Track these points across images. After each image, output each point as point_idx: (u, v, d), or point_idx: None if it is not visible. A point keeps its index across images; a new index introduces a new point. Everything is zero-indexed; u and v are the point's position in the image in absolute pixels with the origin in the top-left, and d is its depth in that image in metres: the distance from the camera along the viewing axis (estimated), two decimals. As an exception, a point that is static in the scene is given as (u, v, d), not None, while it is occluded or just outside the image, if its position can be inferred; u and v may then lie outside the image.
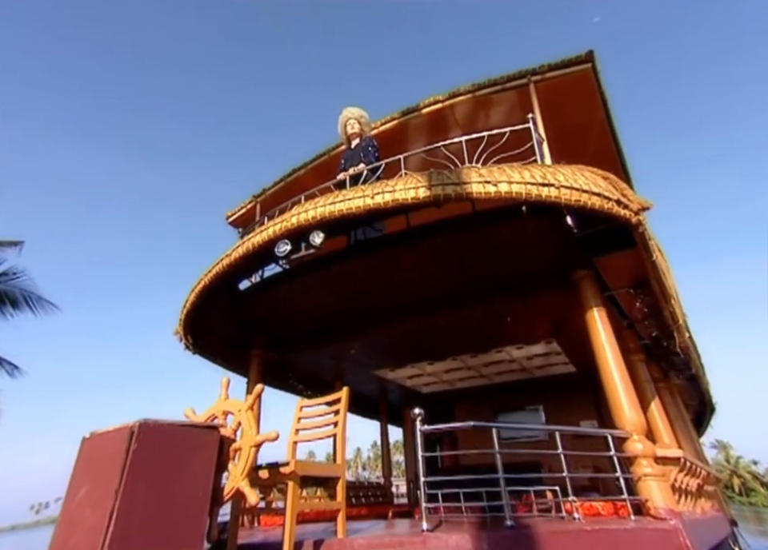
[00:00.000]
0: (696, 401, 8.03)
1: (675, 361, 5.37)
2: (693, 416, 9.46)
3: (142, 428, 1.54)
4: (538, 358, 6.24)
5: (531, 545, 1.72)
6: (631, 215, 2.55)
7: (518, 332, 4.93)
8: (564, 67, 4.12)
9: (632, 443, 2.53)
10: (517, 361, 6.48)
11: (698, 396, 7.64)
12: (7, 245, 10.33)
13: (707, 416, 8.85)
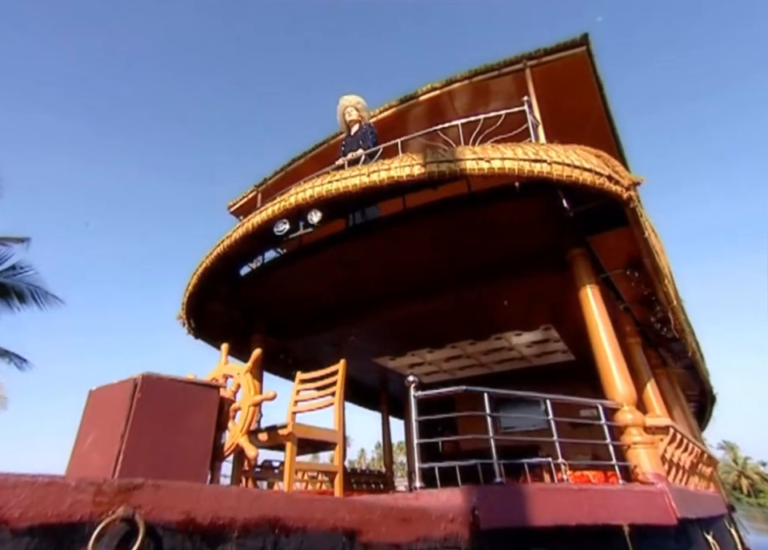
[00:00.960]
0: (696, 391, 8.05)
1: (673, 348, 5.40)
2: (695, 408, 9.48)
3: (145, 380, 1.60)
4: (537, 346, 6.28)
5: (519, 498, 1.77)
6: (622, 190, 2.59)
7: (516, 317, 4.97)
8: (559, 51, 4.16)
9: (622, 413, 2.58)
10: (516, 349, 6.52)
11: (697, 385, 7.66)
12: (14, 240, 10.45)
13: (708, 406, 8.86)
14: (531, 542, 1.77)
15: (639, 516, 2.08)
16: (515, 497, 1.79)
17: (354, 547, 1.35)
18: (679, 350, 5.22)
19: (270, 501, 1.26)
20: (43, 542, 0.92)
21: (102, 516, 0.99)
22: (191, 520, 1.11)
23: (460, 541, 1.60)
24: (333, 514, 1.34)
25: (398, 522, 1.48)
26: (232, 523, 1.16)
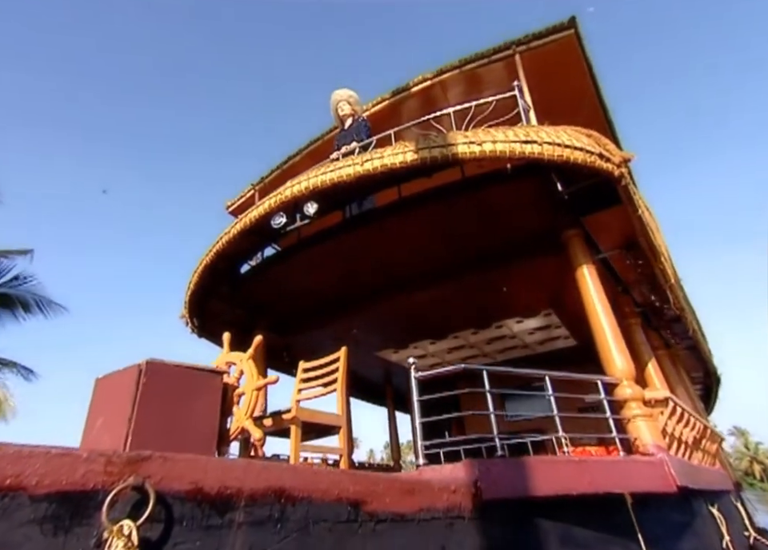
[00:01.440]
0: (701, 372, 8.06)
1: (674, 329, 5.42)
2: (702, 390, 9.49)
3: (149, 365, 1.64)
4: (539, 332, 6.30)
5: (520, 470, 1.81)
6: (614, 168, 2.61)
7: (516, 303, 5.00)
8: (548, 35, 4.16)
9: (621, 388, 2.61)
10: (518, 337, 6.54)
11: (701, 366, 7.67)
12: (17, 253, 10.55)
13: (714, 387, 8.88)
14: (534, 511, 1.81)
15: (640, 484, 2.12)
16: (517, 469, 1.82)
17: (359, 516, 1.39)
18: (681, 331, 5.24)
19: (275, 472, 1.30)
20: (60, 508, 0.96)
21: (113, 485, 1.03)
22: (199, 490, 1.15)
23: (463, 511, 1.64)
24: (337, 485, 1.38)
25: (402, 493, 1.52)
26: (239, 493, 1.20)
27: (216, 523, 1.15)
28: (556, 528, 1.87)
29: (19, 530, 0.91)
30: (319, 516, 1.31)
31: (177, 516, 1.10)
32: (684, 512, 2.68)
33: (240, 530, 1.17)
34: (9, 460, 0.94)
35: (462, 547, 1.58)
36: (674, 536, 2.47)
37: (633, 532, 2.16)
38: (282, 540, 1.23)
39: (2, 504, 0.91)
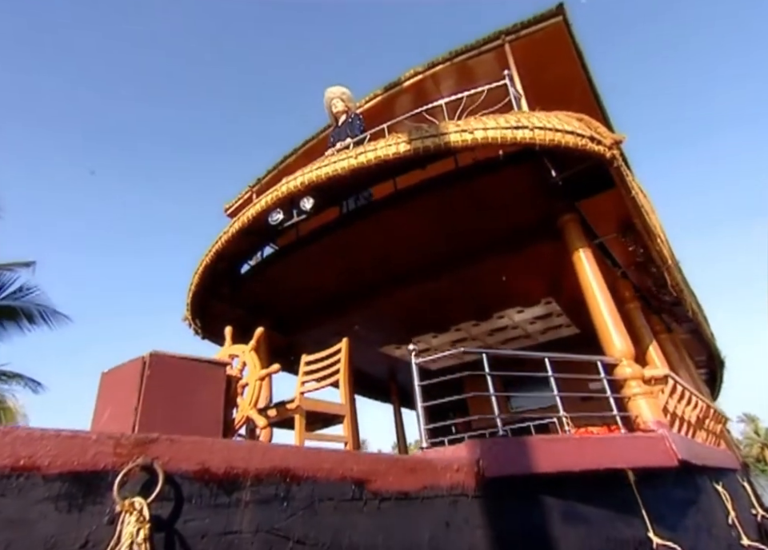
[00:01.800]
0: (704, 356, 8.07)
1: (675, 312, 5.43)
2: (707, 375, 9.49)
3: (153, 357, 1.68)
4: (540, 321, 6.32)
5: (522, 448, 1.84)
6: (605, 150, 2.63)
7: (516, 292, 5.02)
8: (536, 23, 4.17)
9: (621, 368, 2.64)
10: (520, 327, 6.56)
11: (705, 350, 7.68)
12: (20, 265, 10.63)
13: (718, 371, 8.88)
14: (537, 488, 1.84)
15: (641, 459, 2.14)
16: (518, 448, 1.85)
17: (364, 494, 1.42)
18: (681, 314, 5.25)
19: (279, 453, 1.33)
20: (73, 487, 1.00)
21: (123, 465, 1.06)
22: (206, 470, 1.18)
23: (466, 489, 1.67)
24: (341, 465, 1.41)
25: (405, 472, 1.55)
26: (245, 473, 1.23)
27: (224, 501, 1.18)
28: (559, 505, 1.90)
29: (35, 507, 0.95)
30: (324, 495, 1.34)
31: (186, 495, 1.13)
32: (688, 488, 2.71)
33: (247, 508, 1.21)
34: (21, 441, 0.98)
35: (467, 523, 1.61)
36: (679, 513, 2.50)
37: (637, 508, 2.19)
38: (288, 518, 1.26)
39: (17, 484, 0.95)
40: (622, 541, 2.04)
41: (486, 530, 1.63)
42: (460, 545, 1.55)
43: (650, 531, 2.10)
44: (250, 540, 1.18)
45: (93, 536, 0.99)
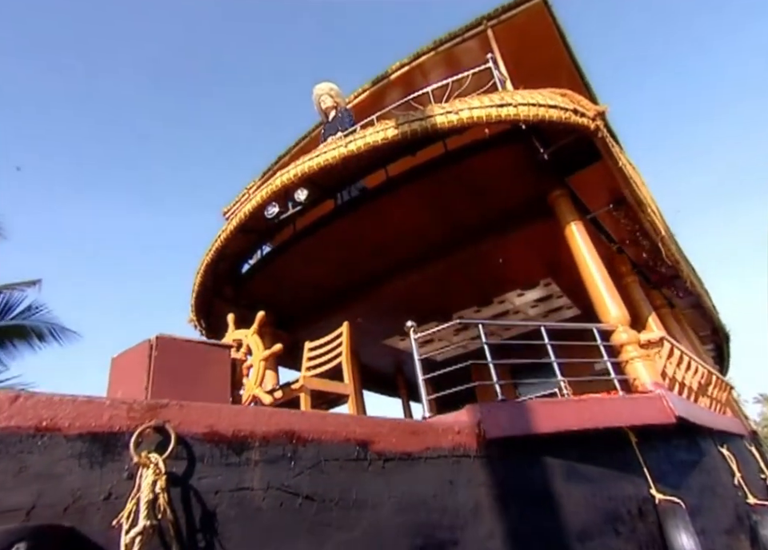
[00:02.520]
0: (708, 330, 8.08)
1: (675, 285, 5.46)
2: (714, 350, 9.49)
3: (159, 340, 1.75)
4: (542, 304, 6.36)
5: (521, 410, 1.90)
6: (589, 122, 2.68)
7: (514, 275, 5.06)
8: (516, 6, 4.22)
9: (617, 333, 2.69)
10: (521, 311, 6.60)
11: (708, 324, 7.70)
12: (26, 285, 10.77)
13: (724, 344, 8.89)
14: (538, 448, 1.90)
15: (639, 418, 2.20)
16: (518, 410, 1.91)
17: (368, 454, 1.48)
18: (681, 287, 5.29)
19: (284, 417, 1.40)
20: (93, 446, 1.07)
21: (137, 427, 1.13)
22: (215, 432, 1.25)
23: (469, 450, 1.73)
24: (344, 427, 1.48)
25: (407, 434, 1.62)
26: (252, 435, 1.30)
27: (234, 461, 1.25)
28: (562, 465, 1.95)
29: (60, 463, 1.02)
30: (330, 455, 1.41)
31: (197, 455, 1.20)
32: (691, 451, 2.76)
33: (257, 467, 1.27)
34: (43, 405, 1.05)
35: (470, 482, 1.67)
36: (681, 473, 2.55)
37: (639, 468, 2.25)
38: (296, 476, 1.33)
39: (42, 442, 1.02)
40: (625, 498, 2.10)
41: (490, 488, 1.69)
42: (464, 501, 1.61)
43: (651, 488, 2.16)
44: (262, 495, 1.25)
45: (114, 490, 1.06)
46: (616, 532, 1.96)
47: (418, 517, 1.48)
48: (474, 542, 1.55)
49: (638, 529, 2.05)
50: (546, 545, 1.72)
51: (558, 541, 1.74)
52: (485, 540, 1.57)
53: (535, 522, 1.73)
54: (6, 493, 0.95)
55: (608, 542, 1.90)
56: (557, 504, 1.81)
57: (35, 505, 0.97)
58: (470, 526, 1.57)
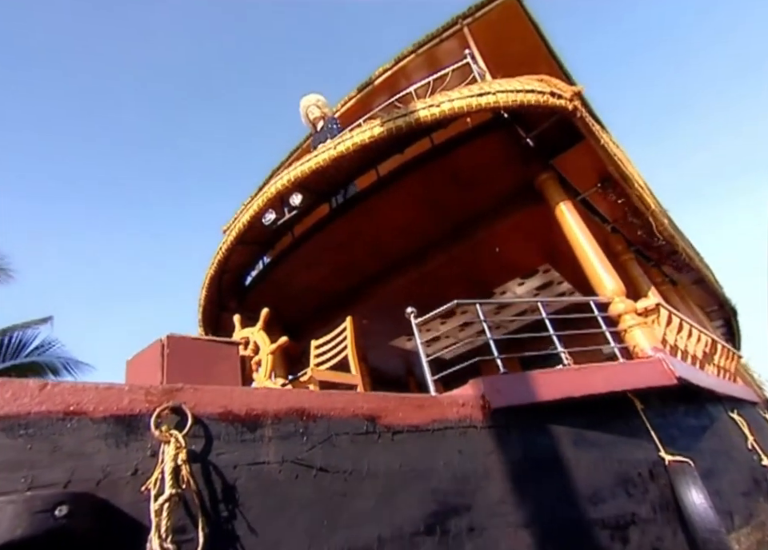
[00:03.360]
0: (715, 306, 8.08)
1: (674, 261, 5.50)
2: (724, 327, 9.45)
3: (169, 339, 1.83)
4: (544, 292, 6.40)
5: (523, 381, 1.95)
6: (566, 103, 2.77)
7: (512, 263, 5.13)
8: (489, 2, 4.35)
9: (614, 304, 2.75)
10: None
11: (714, 300, 7.70)
12: (38, 322, 10.97)
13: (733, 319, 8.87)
14: (544, 416, 1.95)
15: (640, 381, 2.24)
16: (521, 380, 1.97)
17: (377, 428, 1.55)
18: (680, 262, 5.32)
19: (293, 396, 1.47)
20: (117, 427, 1.15)
21: (155, 409, 1.21)
22: (229, 412, 1.33)
23: (474, 421, 1.79)
24: (352, 403, 1.55)
25: (413, 408, 1.68)
26: (264, 413, 1.38)
27: (249, 438, 1.32)
28: (569, 432, 2.00)
29: (89, 443, 1.10)
30: (340, 430, 1.48)
31: (214, 433, 1.28)
32: (700, 416, 2.79)
33: (271, 442, 1.35)
34: (69, 391, 1.14)
35: (478, 451, 1.73)
36: (692, 437, 2.58)
37: (647, 433, 2.29)
38: (309, 450, 1.40)
39: (71, 425, 1.10)
40: (635, 462, 2.14)
41: (498, 456, 1.74)
42: (474, 469, 1.66)
43: (661, 451, 2.19)
44: (278, 468, 1.32)
45: (140, 466, 1.14)
46: (628, 494, 1.99)
47: (429, 485, 1.54)
48: (486, 507, 1.60)
49: (650, 491, 2.09)
50: (558, 508, 1.76)
51: (569, 504, 1.79)
52: (496, 504, 1.63)
53: (546, 487, 1.78)
54: (43, 470, 1.03)
55: (620, 504, 1.94)
56: (566, 469, 1.86)
57: (70, 480, 1.04)
58: (481, 492, 1.63)
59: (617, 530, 1.85)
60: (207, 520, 1.15)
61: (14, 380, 1.13)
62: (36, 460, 1.04)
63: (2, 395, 1.08)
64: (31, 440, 1.06)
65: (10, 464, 1.02)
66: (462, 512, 1.55)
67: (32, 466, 1.04)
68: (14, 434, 1.05)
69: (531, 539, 1.61)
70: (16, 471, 1.02)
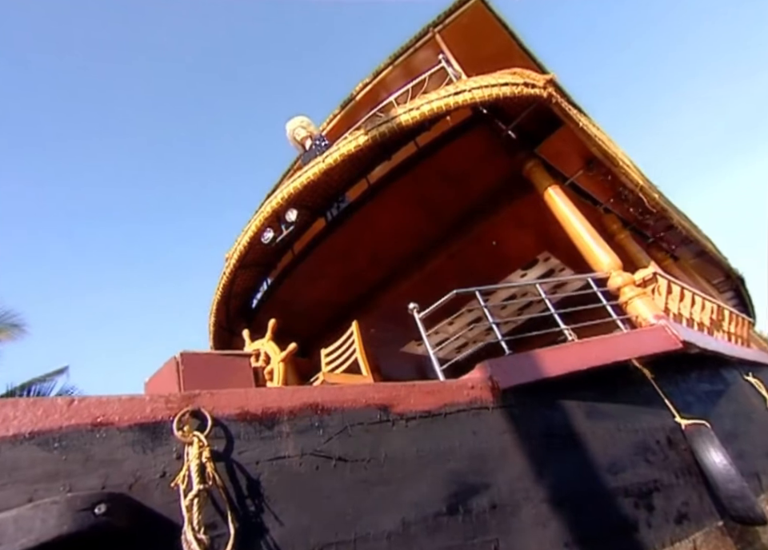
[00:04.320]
0: (722, 277, 8.03)
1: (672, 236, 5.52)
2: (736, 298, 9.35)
3: (183, 356, 1.91)
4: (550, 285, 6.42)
5: (529, 360, 1.99)
6: (541, 91, 2.87)
7: (511, 254, 5.18)
8: (456, 9, 4.52)
9: (613, 278, 2.79)
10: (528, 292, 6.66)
11: (719, 270, 7.67)
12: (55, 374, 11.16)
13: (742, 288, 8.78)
14: (553, 391, 1.98)
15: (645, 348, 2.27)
16: (526, 360, 2.01)
17: (390, 416, 1.60)
18: (677, 235, 5.34)
19: (306, 392, 1.53)
20: (142, 435, 1.22)
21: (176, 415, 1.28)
22: (246, 412, 1.39)
23: (486, 402, 1.83)
24: (363, 395, 1.61)
25: (424, 394, 1.73)
26: (280, 410, 1.44)
27: (268, 434, 1.38)
28: (580, 406, 2.03)
29: (118, 451, 1.17)
30: (354, 420, 1.53)
31: (234, 433, 1.34)
32: (714, 381, 2.79)
33: (289, 437, 1.40)
34: (95, 405, 1.21)
35: (492, 430, 1.77)
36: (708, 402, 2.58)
37: (660, 401, 2.30)
38: (327, 441, 1.45)
39: (99, 435, 1.17)
40: (652, 430, 2.15)
41: (512, 433, 1.78)
42: (490, 448, 1.70)
43: (676, 417, 2.21)
44: (298, 461, 1.37)
45: (168, 468, 1.20)
46: (647, 461, 2.01)
47: (447, 467, 1.58)
48: (505, 484, 1.64)
49: (669, 457, 2.09)
50: (578, 480, 1.78)
51: (589, 475, 1.81)
52: (516, 480, 1.66)
53: (563, 460, 1.80)
54: (79, 479, 1.10)
55: (641, 472, 1.96)
56: (582, 441, 1.88)
57: (104, 486, 1.11)
58: (499, 470, 1.66)
59: (640, 497, 1.86)
60: (236, 514, 1.21)
61: (44, 399, 1.20)
62: (71, 470, 1.11)
63: (35, 412, 1.16)
64: (65, 451, 1.13)
65: (48, 475, 1.09)
66: (482, 490, 1.58)
67: (68, 475, 1.10)
68: (49, 447, 1.12)
69: (553, 512, 1.63)
70: (55, 481, 1.09)
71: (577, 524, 1.64)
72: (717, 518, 2.05)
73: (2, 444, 1.09)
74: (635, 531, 1.76)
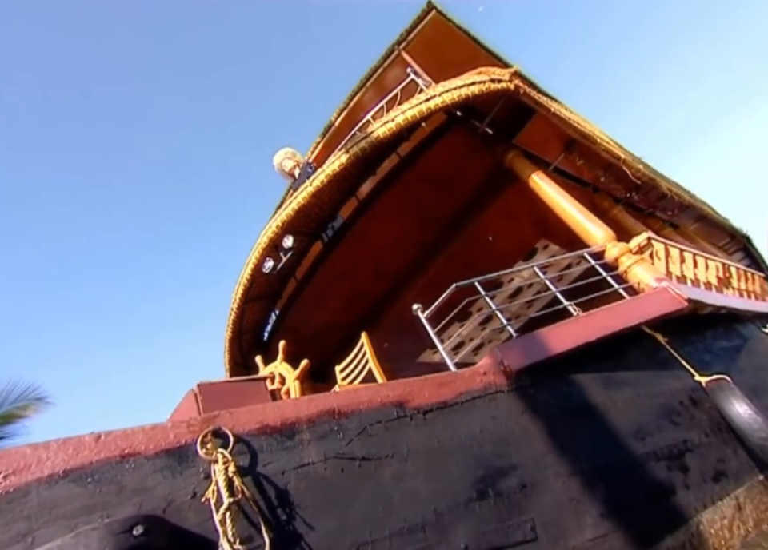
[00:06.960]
0: (727, 238, 7.97)
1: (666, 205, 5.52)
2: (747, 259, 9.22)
3: (200, 386, 1.97)
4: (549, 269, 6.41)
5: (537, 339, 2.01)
6: (508, 84, 2.98)
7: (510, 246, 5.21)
8: (417, 25, 4.73)
9: (609, 250, 2.81)
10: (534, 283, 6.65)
11: (722, 232, 7.62)
12: None
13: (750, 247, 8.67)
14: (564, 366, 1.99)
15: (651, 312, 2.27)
16: (533, 339, 2.03)
17: (406, 411, 1.63)
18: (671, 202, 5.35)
19: (321, 399, 1.58)
20: (169, 460, 1.27)
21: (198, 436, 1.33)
22: (266, 426, 1.44)
23: (500, 386, 1.85)
24: (377, 395, 1.64)
25: (437, 386, 1.76)
26: (298, 420, 1.48)
27: (290, 444, 1.42)
28: (596, 377, 2.04)
29: (149, 478, 1.21)
30: (372, 420, 1.56)
31: (257, 447, 1.38)
32: (731, 337, 2.77)
33: (311, 444, 1.44)
34: (120, 437, 1.27)
35: (511, 412, 1.78)
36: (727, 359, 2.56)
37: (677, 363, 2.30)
38: (348, 444, 1.48)
39: (128, 465, 1.22)
40: (673, 392, 2.14)
41: (531, 413, 1.79)
42: (511, 429, 1.71)
43: (695, 375, 2.19)
44: (323, 466, 1.41)
45: (197, 489, 1.24)
46: (674, 423, 1.99)
47: (471, 452, 1.60)
48: (532, 463, 1.64)
49: (696, 416, 2.07)
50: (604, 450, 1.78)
51: (615, 444, 1.80)
52: (541, 458, 1.66)
53: (587, 432, 1.80)
54: (115, 509, 1.15)
55: (668, 434, 1.94)
56: (603, 412, 1.88)
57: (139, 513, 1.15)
58: (523, 450, 1.67)
59: (672, 460, 1.84)
60: (269, 525, 1.24)
61: (72, 437, 1.26)
62: (107, 501, 1.16)
63: (65, 451, 1.22)
64: (98, 484, 1.18)
65: (86, 508, 1.14)
66: (509, 472, 1.59)
67: (105, 507, 1.15)
68: (83, 482, 1.18)
69: (585, 485, 1.63)
70: (92, 513, 1.13)
71: (611, 494, 1.63)
72: (756, 472, 2.01)
73: (40, 484, 1.15)
74: (673, 494, 1.74)
